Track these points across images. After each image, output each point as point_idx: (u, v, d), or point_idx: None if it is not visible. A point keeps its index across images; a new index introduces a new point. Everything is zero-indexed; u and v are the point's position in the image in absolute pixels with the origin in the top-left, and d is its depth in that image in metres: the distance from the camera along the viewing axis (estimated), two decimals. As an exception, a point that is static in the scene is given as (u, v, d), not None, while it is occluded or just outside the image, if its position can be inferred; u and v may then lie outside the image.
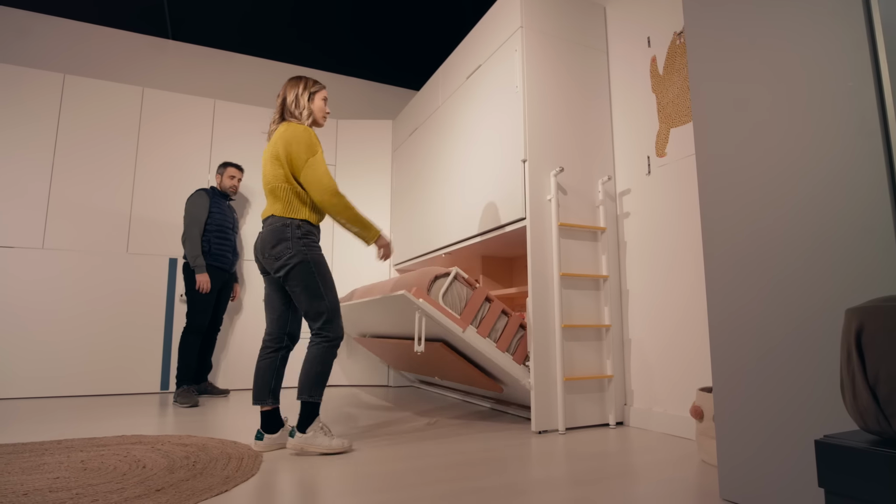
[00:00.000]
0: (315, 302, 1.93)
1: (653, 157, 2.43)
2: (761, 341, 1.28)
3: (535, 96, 2.47)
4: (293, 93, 2.07)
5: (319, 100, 2.11)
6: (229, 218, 3.41)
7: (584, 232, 2.49)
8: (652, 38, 2.48)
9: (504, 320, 2.41)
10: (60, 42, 3.83)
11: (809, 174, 1.21)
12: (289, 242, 1.93)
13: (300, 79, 2.12)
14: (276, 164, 1.98)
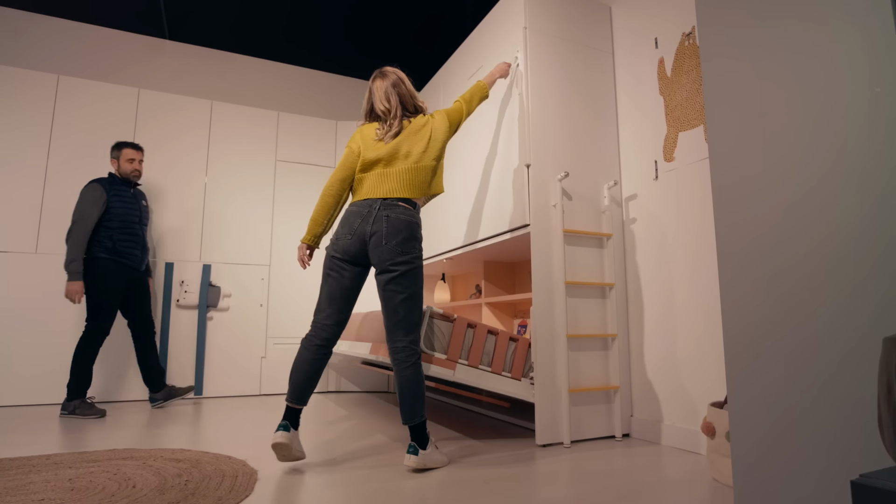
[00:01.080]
0: (416, 312, 1.84)
1: (660, 161, 2.36)
2: (782, 360, 1.22)
3: (539, 99, 2.41)
4: (405, 87, 2.06)
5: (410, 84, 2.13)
6: (135, 209, 3.06)
7: (589, 238, 2.42)
8: (659, 38, 2.41)
9: (492, 340, 2.29)
10: (55, 42, 3.76)
11: (834, 183, 1.14)
12: (418, 242, 1.87)
13: (397, 75, 2.08)
14: (428, 142, 1.97)
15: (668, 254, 2.29)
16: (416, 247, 1.87)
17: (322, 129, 4.12)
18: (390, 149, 1.95)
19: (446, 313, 2.22)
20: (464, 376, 2.17)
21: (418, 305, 1.84)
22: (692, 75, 2.23)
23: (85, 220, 2.86)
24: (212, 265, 3.63)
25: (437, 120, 2.05)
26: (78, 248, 2.83)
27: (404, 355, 1.81)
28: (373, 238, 1.84)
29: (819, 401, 1.14)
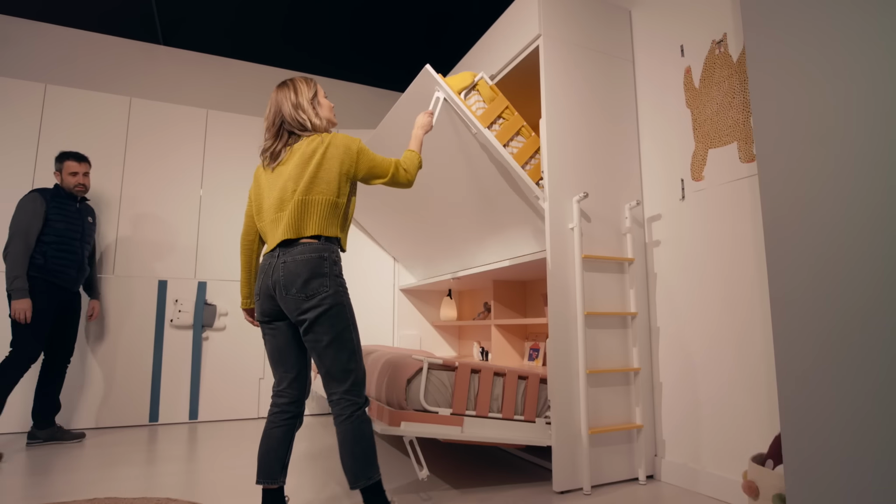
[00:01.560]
0: (345, 357, 1.58)
1: (687, 180, 2.17)
2: (853, 416, 1.03)
3: (555, 112, 2.22)
4: (295, 98, 1.75)
5: (322, 98, 1.82)
6: (77, 226, 2.82)
7: (609, 263, 2.24)
8: (686, 46, 2.22)
9: (500, 383, 2.08)
10: (43, 49, 3.60)
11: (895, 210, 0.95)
12: (327, 278, 1.59)
13: (290, 85, 1.78)
14: (314, 173, 1.64)
15: (696, 280, 2.09)
16: (326, 284, 1.58)
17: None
18: (278, 183, 1.68)
19: (446, 362, 2.00)
20: (474, 431, 1.98)
21: (347, 348, 1.58)
22: (723, 87, 2.04)
23: (24, 234, 2.64)
24: (207, 282, 3.47)
25: (334, 149, 1.67)
26: (20, 265, 2.62)
27: (339, 408, 1.58)
28: (276, 291, 1.62)
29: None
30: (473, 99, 2.23)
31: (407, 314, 3.87)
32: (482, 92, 2.23)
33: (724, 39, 2.06)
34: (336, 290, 1.60)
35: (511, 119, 2.26)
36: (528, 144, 2.26)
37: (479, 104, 2.22)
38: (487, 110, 2.22)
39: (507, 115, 2.27)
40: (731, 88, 2.01)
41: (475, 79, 2.25)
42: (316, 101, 1.78)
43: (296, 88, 1.77)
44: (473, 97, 2.22)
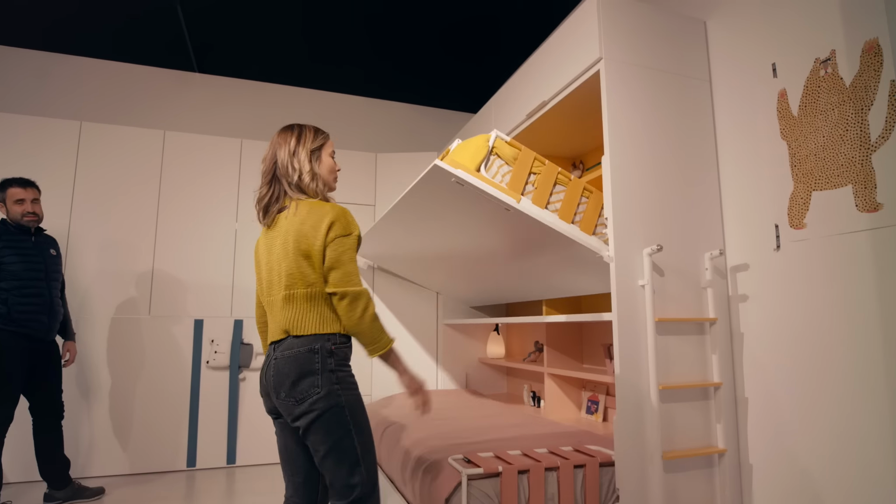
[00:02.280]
0: (345, 471, 1.37)
1: (784, 226, 1.81)
2: None
3: (619, 148, 1.91)
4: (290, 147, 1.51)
5: (327, 156, 1.56)
6: (38, 262, 2.50)
7: (687, 325, 1.91)
8: (780, 64, 1.85)
9: (554, 479, 1.76)
10: (78, 83, 3.58)
11: None
12: (319, 376, 1.36)
13: (295, 129, 1.55)
14: (294, 259, 1.42)
15: (795, 345, 1.74)
16: (317, 383, 1.36)
17: (360, 162, 3.75)
18: (271, 256, 1.49)
19: (487, 469, 1.69)
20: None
21: (347, 459, 1.36)
22: (832, 117, 1.67)
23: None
24: (244, 320, 3.34)
25: (308, 225, 1.41)
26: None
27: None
28: (271, 392, 1.43)
29: None
30: (495, 166, 1.85)
31: (451, 350, 3.63)
32: (502, 154, 1.87)
33: (833, 58, 1.69)
34: (329, 391, 1.36)
35: (544, 170, 1.90)
36: (571, 191, 1.92)
37: (503, 169, 1.86)
38: (514, 173, 1.86)
39: (537, 167, 1.91)
40: (844, 119, 1.64)
41: (490, 142, 1.86)
42: (317, 155, 1.52)
43: (300, 134, 1.53)
44: (494, 163, 1.86)
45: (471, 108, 4.41)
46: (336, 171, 1.61)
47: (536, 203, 1.85)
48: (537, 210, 1.84)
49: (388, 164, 3.78)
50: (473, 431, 2.32)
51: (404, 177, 3.76)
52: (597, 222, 1.95)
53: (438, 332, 3.64)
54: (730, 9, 2.07)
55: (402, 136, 4.33)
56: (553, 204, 1.89)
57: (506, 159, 1.85)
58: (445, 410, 2.80)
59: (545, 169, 1.91)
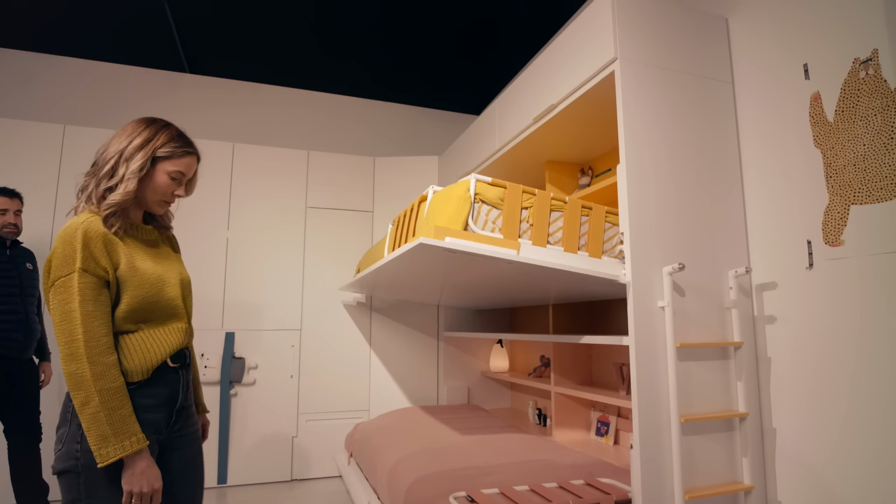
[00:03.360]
0: None
1: (818, 242, 1.65)
2: None
3: (636, 157, 1.75)
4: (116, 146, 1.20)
5: (164, 173, 1.23)
6: (11, 278, 2.35)
7: (710, 349, 1.75)
8: (812, 65, 1.69)
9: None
10: (63, 84, 3.42)
11: None
12: (66, 429, 1.11)
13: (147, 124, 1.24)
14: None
15: (827, 374, 1.58)
16: (63, 437, 1.11)
17: (358, 167, 3.59)
18: None
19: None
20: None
21: None
22: (874, 123, 1.51)
23: None
24: (235, 333, 3.19)
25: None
26: None
27: None
28: None
29: None
30: (483, 214, 1.63)
31: (453, 363, 3.47)
32: (487, 198, 1.63)
33: (875, 58, 1.52)
34: (68, 450, 1.09)
35: (535, 201, 1.69)
36: (570, 214, 1.73)
37: (492, 214, 1.64)
38: (506, 216, 1.64)
39: (528, 201, 1.69)
40: (888, 125, 1.48)
41: (471, 190, 1.62)
42: (134, 159, 1.18)
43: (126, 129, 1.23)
44: (481, 212, 1.63)
45: (473, 109, 4.25)
46: (172, 194, 1.28)
47: (537, 242, 1.66)
48: (541, 253, 1.64)
49: (387, 169, 3.63)
50: (476, 454, 2.17)
51: (404, 182, 3.61)
52: (604, 239, 1.79)
53: (440, 343, 3.49)
54: (754, 4, 1.90)
55: (401, 139, 4.17)
56: (554, 235, 1.71)
57: (492, 203, 1.64)
58: (446, 429, 2.64)
59: (537, 199, 1.70)
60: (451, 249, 1.50)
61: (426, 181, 3.59)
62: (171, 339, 1.22)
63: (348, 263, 3.45)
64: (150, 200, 1.26)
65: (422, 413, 3.05)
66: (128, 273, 1.15)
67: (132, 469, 1.08)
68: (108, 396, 1.06)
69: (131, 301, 1.14)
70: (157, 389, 1.19)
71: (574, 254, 1.69)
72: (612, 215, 1.82)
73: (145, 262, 1.21)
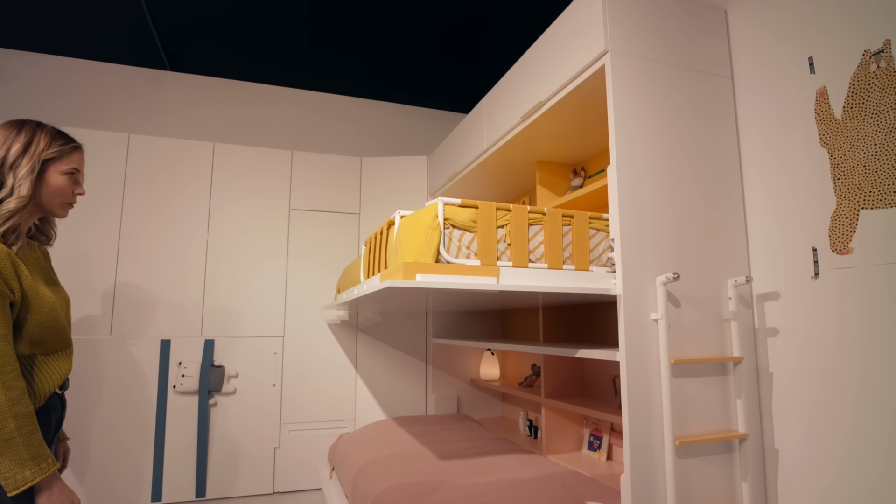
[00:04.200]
0: None
1: (824, 250, 1.52)
2: None
3: (629, 158, 1.62)
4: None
5: (58, 174, 1.17)
6: None
7: (707, 365, 1.62)
8: (818, 58, 1.57)
9: None
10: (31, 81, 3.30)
11: None
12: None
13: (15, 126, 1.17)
14: None
15: (834, 391, 1.46)
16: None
17: (344, 167, 3.47)
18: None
19: None
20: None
21: None
22: (887, 120, 1.39)
23: None
24: (215, 340, 3.06)
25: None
26: None
27: None
28: None
29: None
30: (455, 240, 1.49)
31: (442, 370, 3.35)
32: (458, 222, 1.51)
33: (887, 49, 1.40)
34: None
35: (512, 217, 1.56)
36: (550, 226, 1.60)
37: (465, 239, 1.51)
38: (481, 238, 1.52)
39: (503, 218, 1.56)
40: (902, 123, 1.36)
41: (439, 216, 1.49)
42: (20, 165, 1.11)
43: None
44: (453, 237, 1.50)
45: (464, 107, 4.12)
46: (73, 194, 1.24)
47: (517, 262, 1.53)
48: (523, 276, 1.51)
49: (375, 169, 3.50)
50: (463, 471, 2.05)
51: (391, 182, 3.48)
52: (589, 247, 1.66)
53: (428, 350, 3.36)
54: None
55: (389, 138, 4.04)
56: (535, 252, 1.59)
57: (465, 227, 1.51)
58: (430, 441, 2.52)
59: (513, 215, 1.57)
60: (422, 286, 1.38)
61: (415, 182, 3.47)
62: (64, 365, 1.17)
63: (334, 267, 3.33)
64: (53, 205, 1.20)
65: (409, 424, 2.93)
66: (32, 295, 1.06)
67: (49, 490, 1.04)
68: (24, 421, 1.02)
69: (32, 326, 1.08)
70: (47, 416, 1.15)
71: (559, 270, 1.57)
72: (595, 220, 1.70)
73: (41, 283, 1.12)
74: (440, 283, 1.38)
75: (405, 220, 1.55)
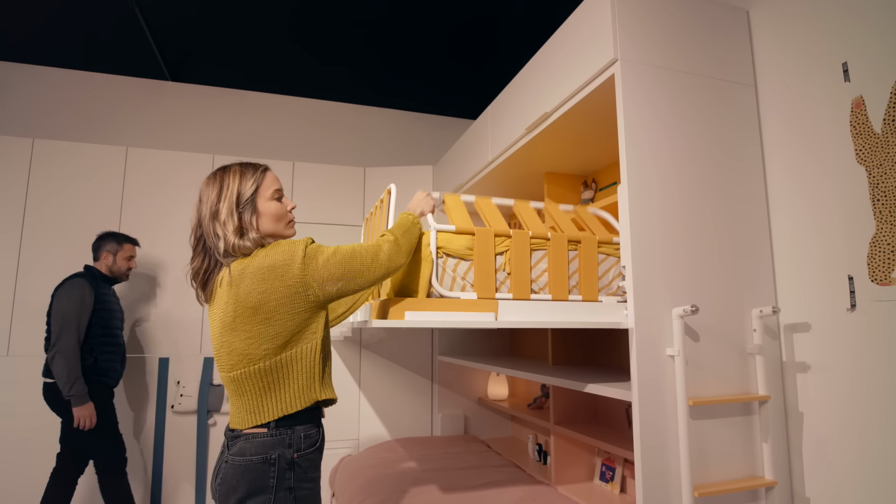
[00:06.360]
0: None
1: (861, 279, 1.36)
2: None
3: (641, 175, 1.48)
4: (221, 200, 1.20)
5: (267, 199, 1.24)
6: (117, 312, 2.56)
7: (729, 405, 1.47)
8: (853, 64, 1.41)
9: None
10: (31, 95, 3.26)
11: None
12: (269, 496, 1.11)
13: (216, 179, 1.25)
14: (238, 330, 1.15)
15: (871, 435, 1.30)
16: (269, 500, 1.11)
17: (347, 178, 3.36)
18: (214, 334, 1.25)
19: None
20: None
21: None
22: (935, 136, 1.22)
23: (73, 330, 2.31)
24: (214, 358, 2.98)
25: (254, 276, 1.14)
26: (75, 366, 2.30)
27: None
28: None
29: None
30: (450, 271, 1.36)
31: (448, 388, 3.22)
32: (454, 250, 1.37)
33: (935, 56, 1.24)
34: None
35: (512, 243, 1.42)
36: (555, 251, 1.46)
37: (460, 268, 1.36)
38: (478, 267, 1.37)
39: (503, 244, 1.41)
40: (953, 140, 1.19)
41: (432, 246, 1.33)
42: (250, 206, 1.21)
43: (221, 184, 1.21)
44: (447, 267, 1.36)
45: (470, 112, 3.99)
46: (286, 214, 1.29)
47: (518, 294, 1.40)
48: (524, 310, 1.38)
49: (379, 179, 3.39)
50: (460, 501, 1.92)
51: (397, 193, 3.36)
52: (598, 275, 1.53)
53: (434, 367, 3.24)
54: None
55: (393, 147, 3.93)
56: (538, 281, 1.45)
57: (460, 255, 1.38)
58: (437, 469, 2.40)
59: (513, 241, 1.43)
60: (411, 324, 1.26)
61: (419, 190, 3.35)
62: None
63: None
64: (279, 228, 1.36)
65: (413, 447, 2.81)
66: None
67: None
68: None
69: None
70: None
71: (564, 301, 1.43)
72: (605, 245, 1.56)
73: None
74: (432, 322, 1.26)
75: None
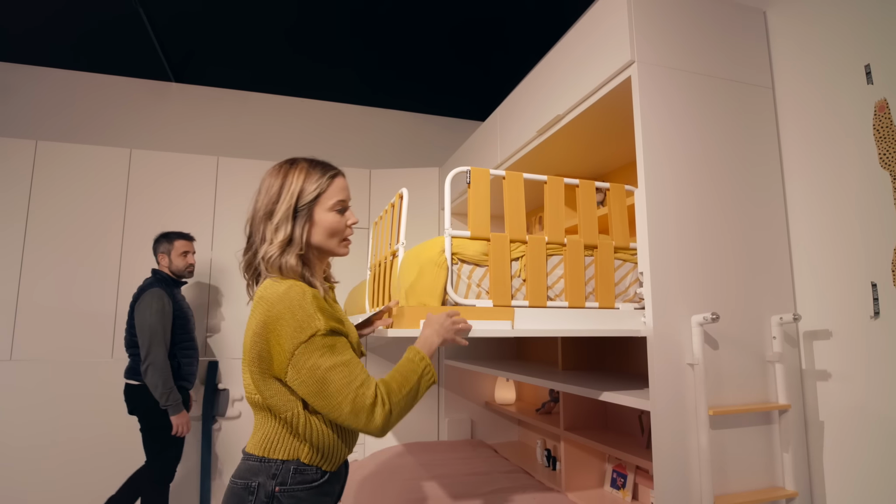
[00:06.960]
0: None
1: (886, 286, 1.33)
2: None
3: (658, 180, 1.45)
4: (281, 198, 1.09)
5: (326, 210, 1.10)
6: (191, 315, 2.60)
7: (749, 414, 1.44)
8: (876, 65, 1.38)
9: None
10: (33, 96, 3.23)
11: None
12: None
13: (289, 167, 1.12)
14: (245, 355, 1.12)
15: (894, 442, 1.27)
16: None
17: (352, 180, 3.29)
18: None
19: None
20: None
21: None
22: (964, 140, 1.19)
23: (161, 342, 2.34)
24: (219, 362, 2.96)
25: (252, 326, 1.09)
26: (168, 377, 2.34)
27: None
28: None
29: None
30: (465, 278, 1.33)
31: (455, 392, 3.19)
32: (468, 256, 1.35)
33: (964, 58, 1.21)
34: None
35: (529, 249, 1.39)
36: (571, 256, 1.43)
37: (476, 275, 1.34)
38: (493, 273, 1.35)
39: (518, 250, 1.39)
40: (983, 144, 1.16)
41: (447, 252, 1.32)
42: (305, 214, 1.08)
43: (284, 179, 1.10)
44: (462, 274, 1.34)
45: (477, 114, 3.96)
46: (343, 230, 1.16)
47: (534, 301, 1.37)
48: (540, 318, 1.36)
49: (385, 181, 3.36)
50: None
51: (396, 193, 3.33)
52: (615, 280, 1.50)
53: (441, 371, 3.21)
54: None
55: (399, 148, 3.90)
56: (554, 288, 1.43)
57: (475, 261, 1.36)
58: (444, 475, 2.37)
59: (529, 247, 1.40)
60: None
61: (426, 195, 3.32)
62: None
63: (342, 286, 3.19)
64: (330, 244, 1.26)
65: (420, 452, 2.78)
66: None
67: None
68: None
69: None
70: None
71: (581, 308, 1.40)
72: (622, 251, 1.53)
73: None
74: (445, 330, 1.22)
75: (409, 253, 1.40)
